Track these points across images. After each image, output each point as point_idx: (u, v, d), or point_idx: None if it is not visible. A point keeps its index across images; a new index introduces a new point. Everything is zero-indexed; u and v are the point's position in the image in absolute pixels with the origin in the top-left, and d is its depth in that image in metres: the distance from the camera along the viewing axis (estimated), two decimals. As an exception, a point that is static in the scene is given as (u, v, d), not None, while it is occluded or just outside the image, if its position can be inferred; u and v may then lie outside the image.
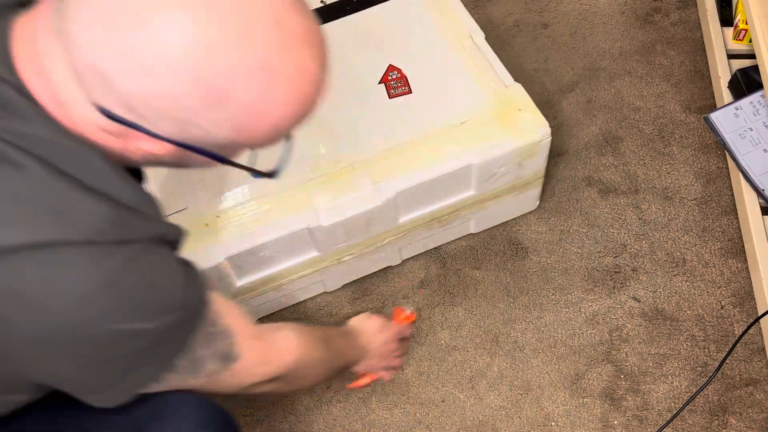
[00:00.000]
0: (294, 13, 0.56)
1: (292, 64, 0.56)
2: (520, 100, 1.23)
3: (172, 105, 0.54)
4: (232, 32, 0.53)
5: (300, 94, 0.58)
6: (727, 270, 1.30)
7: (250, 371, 0.78)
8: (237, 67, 0.53)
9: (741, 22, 1.49)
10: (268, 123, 0.58)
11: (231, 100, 0.55)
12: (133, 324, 0.60)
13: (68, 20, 0.53)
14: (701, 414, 1.15)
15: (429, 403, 1.22)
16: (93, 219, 0.56)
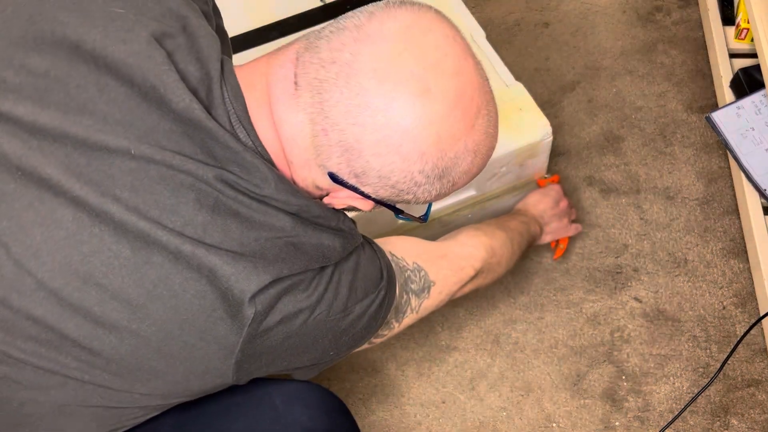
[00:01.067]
0: (494, 102, 0.68)
1: (489, 144, 0.68)
2: (521, 100, 1.23)
3: (407, 181, 0.64)
4: (466, 125, 0.64)
5: (483, 165, 0.70)
6: (729, 270, 1.29)
7: (449, 285, 0.90)
8: (462, 151, 0.64)
9: (743, 21, 1.48)
10: (454, 189, 0.69)
11: (448, 177, 0.66)
12: (353, 308, 0.72)
13: (328, 103, 0.61)
14: (703, 415, 1.15)
15: (429, 404, 1.21)
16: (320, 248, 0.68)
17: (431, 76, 0.61)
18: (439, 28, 0.64)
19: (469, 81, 0.64)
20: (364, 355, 1.27)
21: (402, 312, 0.83)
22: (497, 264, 1.01)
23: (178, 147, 0.61)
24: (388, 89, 0.60)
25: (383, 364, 1.26)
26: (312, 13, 1.42)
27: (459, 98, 0.62)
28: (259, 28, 1.40)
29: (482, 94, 0.66)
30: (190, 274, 0.62)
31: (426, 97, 0.61)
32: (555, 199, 1.24)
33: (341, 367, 1.26)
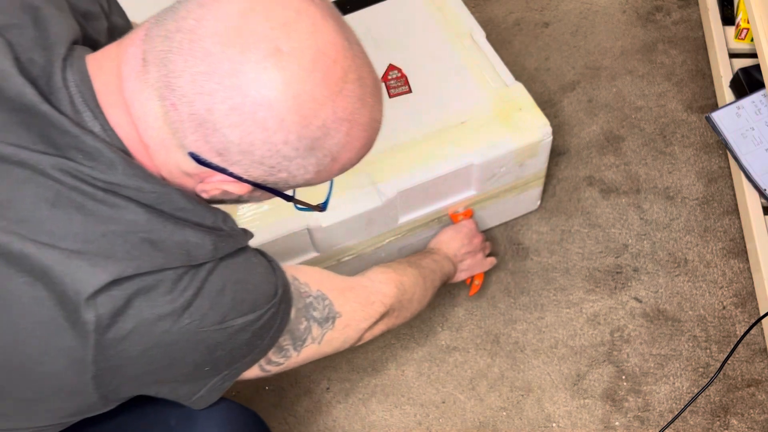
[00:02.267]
0: (368, 68, 0.63)
1: (367, 115, 0.63)
2: (521, 100, 1.23)
3: (273, 154, 0.59)
4: (331, 88, 0.58)
5: (369, 140, 0.65)
6: (729, 270, 1.29)
7: (357, 319, 0.85)
8: (330, 119, 0.59)
9: (742, 21, 1.48)
10: (339, 166, 0.65)
11: (320, 148, 0.60)
12: (233, 322, 0.65)
13: (174, 74, 0.56)
14: (703, 415, 1.15)
15: (429, 404, 1.21)
16: (185, 245, 0.61)
17: (282, 36, 0.56)
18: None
19: (329, 42, 0.58)
20: (364, 356, 1.27)
21: (301, 340, 0.77)
22: (408, 302, 0.96)
23: (13, 137, 0.57)
24: (234, 52, 0.55)
25: (383, 364, 1.26)
26: (312, 12, 1.42)
27: (317, 59, 0.57)
28: (259, 28, 1.40)
29: (349, 57, 0.60)
30: (24, 278, 0.56)
31: (277, 58, 0.56)
32: (468, 236, 1.21)
33: (341, 367, 1.26)
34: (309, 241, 1.17)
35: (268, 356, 0.74)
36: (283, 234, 1.13)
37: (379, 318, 0.89)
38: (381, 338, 1.28)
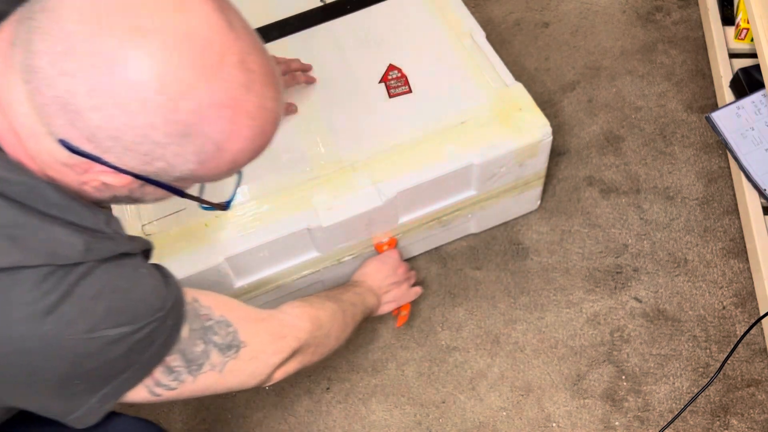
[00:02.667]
0: (256, 54, 0.59)
1: (255, 102, 0.59)
2: (521, 100, 1.23)
3: (142, 139, 0.55)
4: (205, 71, 0.55)
5: (260, 130, 0.61)
6: (729, 270, 1.30)
7: (267, 353, 0.80)
8: (206, 104, 0.56)
9: (742, 21, 1.48)
10: (228, 158, 0.60)
11: (197, 135, 0.57)
12: (106, 332, 0.60)
13: (35, 55, 0.53)
14: (703, 415, 1.15)
15: (429, 404, 1.21)
16: (51, 243, 0.57)
17: (144, 13, 0.53)
18: None
19: (202, 21, 0.55)
20: (364, 356, 1.27)
21: (197, 364, 0.71)
22: (325, 337, 0.93)
23: None
24: (92, 30, 0.52)
25: (384, 364, 1.26)
26: (312, 13, 1.42)
27: (185, 39, 0.54)
28: (259, 28, 1.40)
29: (230, 39, 0.57)
30: None
31: (137, 36, 0.53)
32: (392, 267, 1.20)
33: (341, 366, 1.26)
34: (309, 241, 1.17)
35: (156, 377, 0.68)
36: (283, 234, 1.13)
37: (291, 354, 0.84)
38: (381, 338, 1.28)
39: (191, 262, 1.11)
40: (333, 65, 1.32)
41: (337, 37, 1.36)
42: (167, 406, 1.25)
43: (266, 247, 1.14)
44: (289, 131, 1.24)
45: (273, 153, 1.21)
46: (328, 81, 1.30)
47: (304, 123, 1.25)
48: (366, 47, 1.34)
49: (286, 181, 1.18)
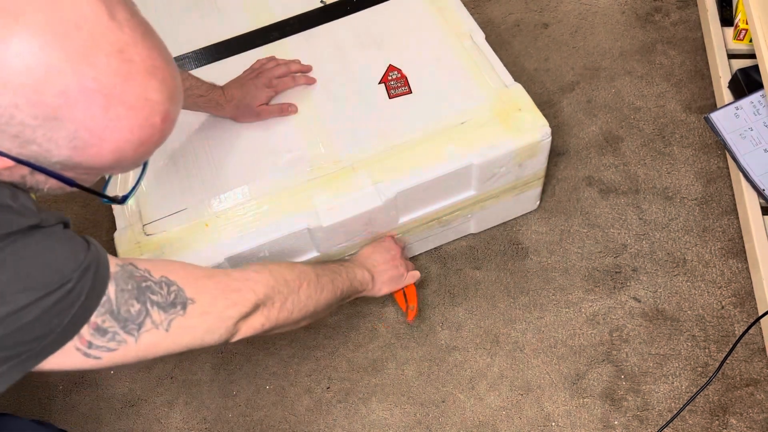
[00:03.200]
0: (141, 46, 0.60)
1: (134, 93, 0.60)
2: (521, 100, 1.23)
3: (8, 120, 0.56)
4: (73, 56, 0.56)
5: (144, 122, 0.61)
6: (728, 270, 1.30)
7: (219, 307, 0.80)
8: (74, 89, 0.56)
9: (741, 21, 1.48)
10: (109, 147, 0.61)
11: (67, 120, 0.57)
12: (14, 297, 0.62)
13: None
14: (702, 414, 1.15)
15: (429, 404, 1.22)
16: None
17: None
18: None
19: (78, 9, 0.56)
20: (364, 355, 1.27)
21: (136, 323, 0.72)
22: (291, 292, 0.90)
23: None
24: None
25: (383, 363, 1.26)
26: (312, 13, 1.42)
27: (55, 23, 0.55)
28: (259, 29, 1.41)
29: (110, 29, 0.58)
30: None
31: (8, 17, 0.54)
32: (387, 248, 1.20)
33: (342, 366, 1.27)
34: (309, 241, 1.17)
35: (87, 339, 0.69)
36: (283, 234, 1.13)
37: (253, 308, 0.83)
38: (381, 338, 1.28)
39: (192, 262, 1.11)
40: (333, 66, 1.32)
41: (337, 37, 1.37)
42: (166, 405, 1.26)
43: (266, 247, 1.14)
44: (289, 131, 1.25)
45: (273, 153, 1.22)
46: (328, 82, 1.30)
47: (304, 123, 1.25)
48: (366, 48, 1.34)
49: (286, 181, 1.18)
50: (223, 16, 1.44)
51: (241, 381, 1.27)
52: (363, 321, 1.32)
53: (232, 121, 1.26)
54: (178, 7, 1.47)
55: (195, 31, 1.42)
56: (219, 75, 1.26)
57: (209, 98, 1.19)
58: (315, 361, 1.28)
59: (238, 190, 1.18)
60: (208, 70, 1.35)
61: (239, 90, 1.24)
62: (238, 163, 1.22)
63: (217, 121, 1.27)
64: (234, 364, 1.29)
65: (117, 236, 1.16)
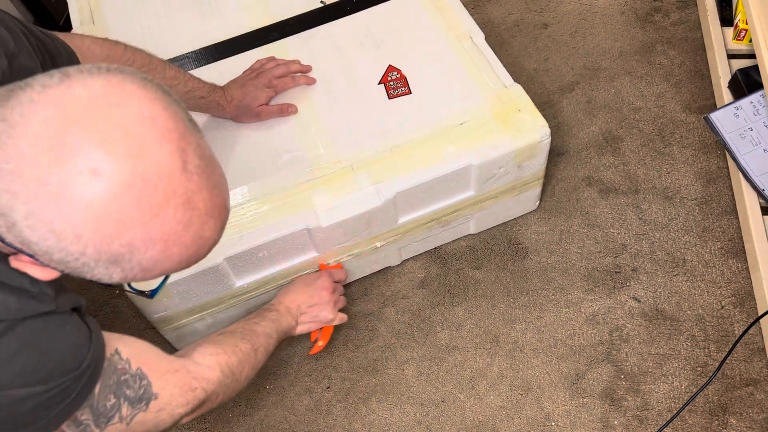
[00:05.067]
0: (206, 191, 0.61)
1: (192, 235, 0.61)
2: (520, 101, 1.23)
3: (72, 260, 0.58)
4: (146, 214, 0.57)
5: (193, 255, 0.63)
6: (728, 270, 1.30)
7: (174, 404, 0.81)
8: (140, 240, 0.58)
9: (741, 21, 1.48)
10: (156, 274, 0.63)
11: (127, 262, 0.59)
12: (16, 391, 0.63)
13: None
14: (701, 414, 1.15)
15: (429, 404, 1.22)
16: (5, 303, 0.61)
17: (98, 155, 0.55)
18: (135, 104, 0.58)
19: (156, 166, 0.57)
20: (364, 355, 1.27)
21: (106, 417, 0.74)
22: (235, 382, 0.93)
23: None
24: (46, 161, 0.54)
25: (383, 363, 1.27)
26: (312, 13, 1.43)
27: (132, 184, 0.56)
28: (259, 29, 1.41)
29: (181, 181, 0.59)
30: None
31: (86, 177, 0.54)
32: (317, 289, 1.17)
33: (342, 366, 1.27)
34: (309, 241, 1.18)
35: (63, 428, 0.71)
36: (283, 234, 1.13)
37: (199, 404, 0.86)
38: (381, 338, 1.29)
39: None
40: (333, 66, 1.33)
41: (337, 38, 1.37)
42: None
43: (266, 247, 1.14)
44: (289, 132, 1.25)
45: (272, 153, 1.22)
46: (327, 82, 1.31)
47: (304, 123, 1.25)
48: (366, 48, 1.34)
49: (286, 181, 1.18)
50: (223, 16, 1.44)
51: (241, 381, 1.27)
52: (363, 321, 1.32)
53: (232, 121, 1.26)
54: (178, 7, 1.47)
55: (195, 31, 1.42)
56: (219, 75, 1.27)
57: (210, 100, 1.19)
58: (315, 361, 1.28)
59: (238, 191, 1.18)
60: (208, 70, 1.35)
61: (239, 90, 1.24)
62: (237, 164, 1.22)
63: (216, 121, 1.27)
64: (234, 364, 1.29)
65: (117, 236, 1.16)
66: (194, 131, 0.63)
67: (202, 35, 1.41)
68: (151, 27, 1.44)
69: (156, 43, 1.40)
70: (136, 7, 1.48)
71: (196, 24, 1.43)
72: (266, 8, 1.44)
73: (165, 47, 1.39)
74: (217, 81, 1.24)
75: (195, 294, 1.16)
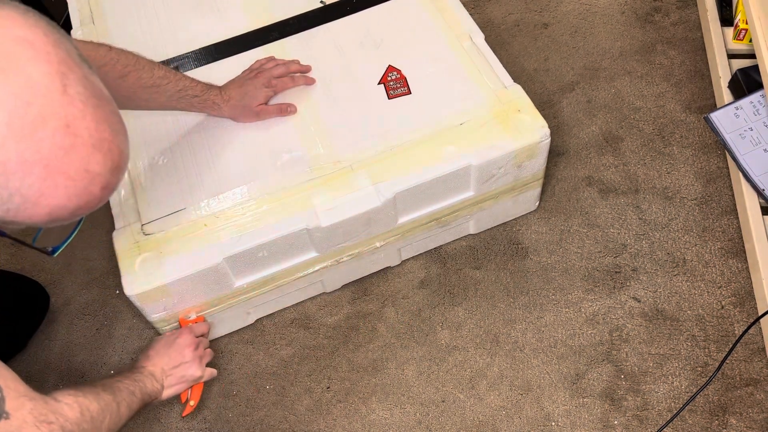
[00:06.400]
0: (90, 119, 0.60)
1: (77, 165, 0.60)
2: (520, 101, 1.23)
3: None
4: (18, 132, 0.56)
5: (82, 191, 0.62)
6: (728, 270, 1.30)
7: (25, 429, 0.78)
8: (13, 161, 0.57)
9: (741, 21, 1.48)
10: (43, 211, 0.61)
11: (3, 188, 0.57)
12: None
13: None
14: (701, 414, 1.15)
15: (429, 403, 1.22)
16: None
17: None
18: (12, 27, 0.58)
19: (29, 84, 0.57)
20: (364, 355, 1.27)
21: None
22: (95, 429, 0.89)
23: None
24: None
25: (383, 363, 1.27)
26: (312, 13, 1.43)
27: (4, 98, 0.56)
28: (259, 29, 1.41)
29: (61, 103, 0.59)
30: None
31: None
32: (178, 349, 1.12)
33: (342, 366, 1.27)
34: (308, 241, 1.18)
35: None
36: (282, 234, 1.13)
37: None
38: (381, 338, 1.28)
39: (190, 262, 1.12)
40: (332, 66, 1.33)
41: (336, 38, 1.37)
42: (166, 405, 1.26)
43: (265, 247, 1.14)
44: (289, 132, 1.25)
45: (272, 153, 1.22)
46: (327, 82, 1.31)
47: (303, 124, 1.25)
48: (365, 48, 1.34)
49: (285, 181, 1.19)
50: (223, 16, 1.45)
51: (241, 381, 1.27)
52: (363, 321, 1.32)
53: (232, 121, 1.26)
54: (178, 7, 1.47)
55: (195, 31, 1.42)
56: (219, 75, 1.27)
57: (205, 99, 1.19)
58: (315, 361, 1.28)
59: (237, 190, 1.18)
60: (208, 70, 1.35)
61: (238, 90, 1.24)
62: (237, 163, 1.22)
63: (216, 121, 1.27)
64: (234, 364, 1.29)
65: (115, 235, 1.16)
66: (83, 65, 0.62)
67: (202, 35, 1.41)
68: (151, 27, 1.44)
69: (156, 43, 1.40)
70: (135, 7, 1.48)
71: (196, 24, 1.43)
72: (266, 8, 1.44)
73: (165, 47, 1.39)
74: (217, 81, 1.24)
75: (194, 294, 1.16)
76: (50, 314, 1.39)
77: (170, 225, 1.16)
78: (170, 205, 1.18)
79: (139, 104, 1.14)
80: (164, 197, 1.19)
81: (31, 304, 1.36)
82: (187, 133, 1.27)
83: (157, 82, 1.09)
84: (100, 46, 1.02)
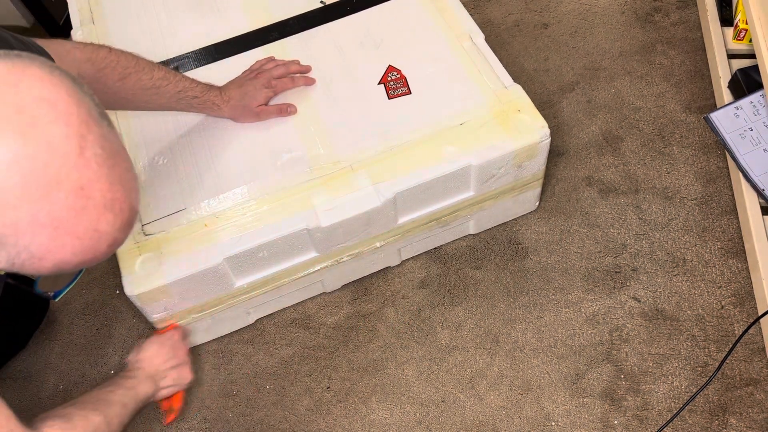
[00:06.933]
0: (104, 180, 0.60)
1: (86, 226, 0.60)
2: (520, 102, 1.23)
3: None
4: (33, 194, 0.56)
5: (89, 249, 0.62)
6: (728, 270, 1.30)
7: None
8: (25, 221, 0.57)
9: (741, 21, 1.48)
10: (48, 265, 0.61)
11: (10, 245, 0.58)
12: None
13: None
14: (701, 414, 1.15)
15: (429, 403, 1.22)
16: None
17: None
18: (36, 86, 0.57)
19: (47, 146, 0.56)
20: (364, 355, 1.27)
21: None
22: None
23: None
24: None
25: (384, 363, 1.27)
26: (312, 13, 1.43)
27: (19, 161, 0.55)
28: (259, 29, 1.41)
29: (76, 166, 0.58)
30: None
31: None
32: (173, 348, 1.12)
33: (342, 366, 1.27)
34: (308, 241, 1.18)
35: None
36: (282, 234, 1.13)
37: None
38: (381, 338, 1.28)
39: (191, 262, 1.12)
40: (333, 66, 1.33)
41: (336, 38, 1.37)
42: (168, 405, 1.26)
43: (265, 247, 1.14)
44: (289, 132, 1.25)
45: (272, 153, 1.22)
46: (327, 82, 1.31)
47: (303, 124, 1.25)
48: (365, 48, 1.34)
49: (285, 181, 1.19)
50: (223, 16, 1.45)
51: (241, 381, 1.27)
52: (363, 321, 1.32)
53: (232, 121, 1.26)
54: (178, 7, 1.47)
55: (195, 31, 1.42)
56: (219, 75, 1.27)
57: (204, 99, 1.19)
58: (315, 361, 1.28)
59: (237, 191, 1.18)
60: (208, 70, 1.35)
61: (238, 90, 1.24)
62: (237, 164, 1.22)
63: (216, 121, 1.27)
64: (234, 364, 1.29)
65: (117, 236, 1.16)
66: (102, 123, 0.62)
67: (202, 35, 1.41)
68: (151, 27, 1.44)
69: (156, 43, 1.40)
70: (136, 7, 1.48)
71: (196, 24, 1.43)
72: (266, 8, 1.44)
73: (165, 47, 1.39)
74: (217, 81, 1.24)
75: (195, 294, 1.17)
76: (50, 314, 1.39)
77: (170, 225, 1.16)
78: (170, 205, 1.18)
79: (139, 105, 1.14)
80: (164, 197, 1.19)
81: (31, 304, 1.36)
82: (187, 133, 1.27)
83: (157, 83, 1.09)
84: (101, 48, 1.02)
